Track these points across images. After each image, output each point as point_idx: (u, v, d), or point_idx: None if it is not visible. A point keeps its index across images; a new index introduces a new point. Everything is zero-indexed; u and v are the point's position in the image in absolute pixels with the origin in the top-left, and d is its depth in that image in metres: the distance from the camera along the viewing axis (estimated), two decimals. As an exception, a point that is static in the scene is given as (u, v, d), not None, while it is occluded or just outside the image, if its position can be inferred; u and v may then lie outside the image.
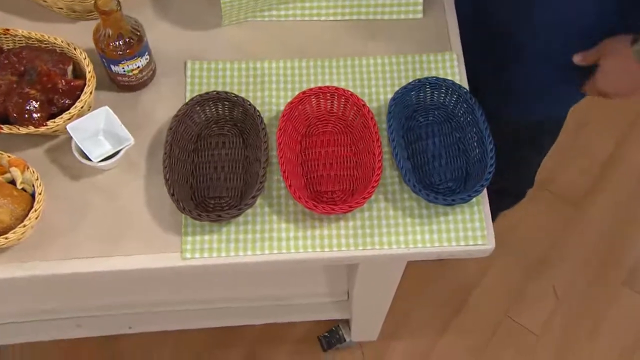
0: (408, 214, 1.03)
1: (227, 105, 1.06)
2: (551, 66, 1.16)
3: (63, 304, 1.57)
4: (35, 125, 0.99)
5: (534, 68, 1.18)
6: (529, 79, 1.23)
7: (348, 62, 1.14)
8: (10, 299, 1.54)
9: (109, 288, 1.53)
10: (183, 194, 0.99)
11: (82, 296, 1.57)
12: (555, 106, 1.34)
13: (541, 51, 1.14)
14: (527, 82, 1.24)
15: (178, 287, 1.56)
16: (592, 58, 1.07)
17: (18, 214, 0.95)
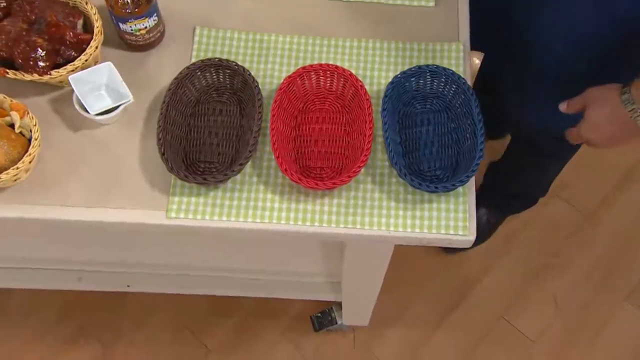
0: (393, 197, 1.04)
1: (228, 73, 1.07)
2: (570, 77, 1.14)
3: (66, 255, 1.62)
4: (39, 73, 1.02)
5: (554, 77, 1.17)
6: (548, 88, 1.21)
7: (354, 44, 1.15)
8: (14, 245, 1.59)
9: (110, 245, 1.57)
10: (175, 155, 1.02)
11: (84, 250, 1.61)
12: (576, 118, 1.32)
13: (559, 60, 1.13)
14: (547, 92, 1.22)
15: (177, 253, 1.59)
16: (576, 106, 1.06)
17: (13, 156, 0.98)
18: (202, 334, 1.80)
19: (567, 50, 1.09)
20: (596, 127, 1.03)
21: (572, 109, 1.07)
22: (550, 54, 1.12)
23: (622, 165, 2.05)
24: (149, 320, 1.81)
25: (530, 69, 1.20)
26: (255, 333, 1.80)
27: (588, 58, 1.08)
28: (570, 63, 1.10)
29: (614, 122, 1.00)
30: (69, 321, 1.80)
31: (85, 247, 1.59)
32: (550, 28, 1.08)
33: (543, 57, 1.15)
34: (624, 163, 2.05)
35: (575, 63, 1.11)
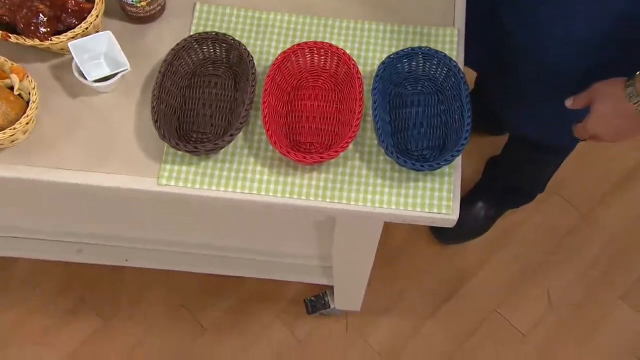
0: (380, 175, 1.06)
1: (225, 48, 1.10)
2: (569, 78, 1.15)
3: (67, 228, 1.65)
4: (40, 39, 1.05)
5: (551, 79, 1.18)
6: (545, 93, 1.22)
7: (350, 25, 1.16)
8: (18, 216, 1.63)
9: (110, 220, 1.60)
10: (168, 124, 1.04)
11: (84, 224, 1.64)
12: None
13: (556, 61, 1.14)
14: (544, 96, 1.23)
15: (175, 229, 1.62)
16: (582, 102, 1.07)
17: (11, 117, 1.02)
18: (198, 312, 1.83)
19: (565, 49, 1.10)
20: (602, 121, 1.03)
21: (578, 105, 1.07)
22: (546, 54, 1.13)
23: (621, 165, 2.05)
24: (147, 296, 1.84)
25: (525, 72, 1.21)
26: (251, 314, 1.83)
27: (587, 58, 1.08)
28: (568, 64, 1.11)
29: (620, 116, 1.00)
30: (70, 293, 1.83)
31: (85, 221, 1.63)
32: (547, 26, 1.09)
33: (539, 58, 1.15)
34: (623, 163, 2.05)
35: (574, 63, 1.11)
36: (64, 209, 1.55)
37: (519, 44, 1.16)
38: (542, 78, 1.18)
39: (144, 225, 1.62)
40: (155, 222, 1.56)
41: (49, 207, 1.56)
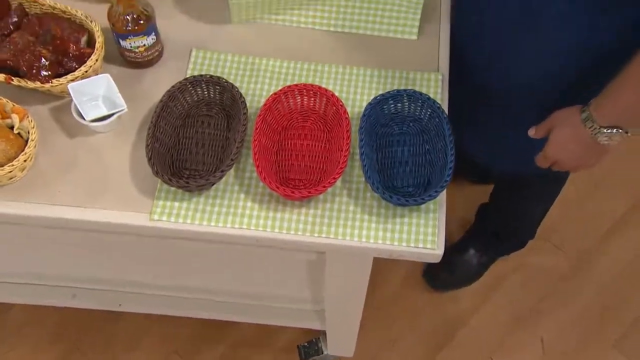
0: (367, 211, 1.09)
1: (218, 89, 1.15)
2: (538, 108, 1.20)
3: (61, 271, 1.66)
4: (41, 81, 1.10)
5: (523, 120, 1.23)
6: (519, 133, 1.27)
7: (339, 69, 1.22)
8: (12, 260, 1.64)
9: (103, 262, 1.62)
10: (161, 161, 1.08)
11: (79, 268, 1.65)
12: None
13: (527, 91, 1.19)
14: (517, 137, 1.28)
15: (167, 273, 1.63)
16: (543, 130, 1.13)
17: (10, 155, 1.05)
18: (190, 359, 1.82)
19: (535, 81, 1.15)
20: (561, 147, 1.08)
21: (540, 134, 1.12)
22: (517, 85, 1.18)
23: (611, 211, 2.08)
24: (140, 342, 1.83)
25: (497, 104, 1.26)
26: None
27: (555, 88, 1.14)
28: (537, 95, 1.16)
29: (577, 141, 1.05)
30: (63, 339, 1.83)
31: (80, 265, 1.64)
32: (509, 64, 1.15)
33: (510, 90, 1.20)
34: (613, 209, 2.08)
35: (534, 95, 1.17)
36: (58, 252, 1.56)
37: (484, 83, 1.21)
38: (507, 110, 1.24)
39: (137, 269, 1.63)
40: (148, 266, 1.58)
41: (44, 251, 1.57)
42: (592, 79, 1.07)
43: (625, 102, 0.98)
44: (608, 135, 1.01)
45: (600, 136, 1.02)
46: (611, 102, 0.99)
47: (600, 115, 1.01)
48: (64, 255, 1.60)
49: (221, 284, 1.63)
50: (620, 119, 1.00)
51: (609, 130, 1.01)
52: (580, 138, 1.04)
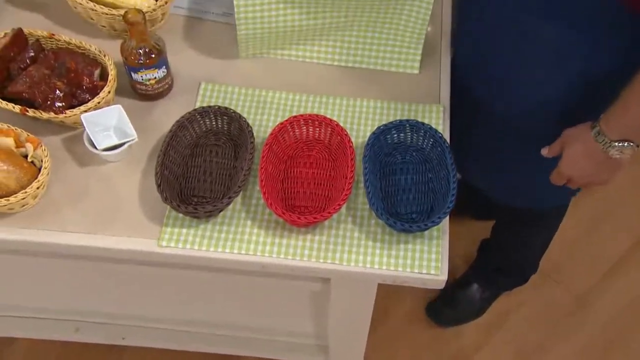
0: (371, 237, 1.11)
1: (226, 120, 1.18)
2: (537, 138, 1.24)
3: (65, 304, 1.67)
4: (55, 112, 1.14)
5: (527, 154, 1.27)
6: (513, 155, 1.31)
7: (343, 102, 1.25)
8: (16, 294, 1.65)
9: (107, 295, 1.63)
10: (170, 188, 1.11)
11: (83, 299, 1.66)
12: (553, 196, 1.40)
13: (524, 121, 1.23)
14: (516, 165, 1.32)
15: (171, 306, 1.64)
16: (556, 149, 1.16)
17: (24, 183, 1.08)
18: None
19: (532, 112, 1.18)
20: (573, 163, 1.11)
21: (553, 153, 1.15)
22: (514, 115, 1.21)
23: (615, 250, 2.09)
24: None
25: (494, 134, 1.29)
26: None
27: (553, 118, 1.17)
28: (534, 124, 1.20)
29: (590, 157, 1.07)
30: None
31: (84, 298, 1.65)
32: (515, 90, 1.18)
33: (508, 120, 1.24)
34: (616, 247, 2.09)
35: (540, 124, 1.20)
36: (62, 285, 1.57)
37: (492, 110, 1.25)
38: (511, 138, 1.27)
39: (141, 302, 1.64)
40: (152, 299, 1.59)
41: (47, 284, 1.59)
42: (594, 102, 1.10)
43: (633, 114, 1.00)
44: (619, 149, 1.04)
45: (611, 150, 1.04)
46: (620, 116, 1.02)
47: (610, 129, 1.03)
48: (67, 288, 1.61)
49: (225, 316, 1.64)
50: (630, 132, 1.03)
51: (620, 144, 1.03)
52: (592, 153, 1.06)
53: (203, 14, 1.38)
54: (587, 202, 2.14)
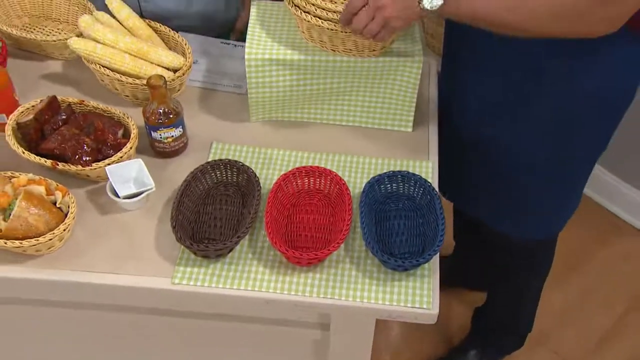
0: (368, 275, 1.20)
1: (235, 172, 1.31)
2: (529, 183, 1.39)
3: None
4: (82, 165, 1.27)
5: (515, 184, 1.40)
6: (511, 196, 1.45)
7: (342, 158, 1.38)
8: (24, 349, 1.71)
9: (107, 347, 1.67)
10: (184, 231, 1.21)
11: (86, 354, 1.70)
12: (540, 227, 1.52)
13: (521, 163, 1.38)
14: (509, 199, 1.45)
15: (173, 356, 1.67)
16: None
17: (52, 226, 1.19)
18: None
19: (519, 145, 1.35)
20: None
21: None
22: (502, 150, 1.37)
23: (606, 318, 2.14)
24: None
25: (486, 163, 1.45)
26: None
27: (539, 150, 1.33)
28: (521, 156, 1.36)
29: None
30: None
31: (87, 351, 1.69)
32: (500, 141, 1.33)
33: (496, 153, 1.40)
34: (607, 316, 2.15)
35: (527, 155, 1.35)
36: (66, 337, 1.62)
37: (484, 148, 1.42)
38: (500, 166, 1.42)
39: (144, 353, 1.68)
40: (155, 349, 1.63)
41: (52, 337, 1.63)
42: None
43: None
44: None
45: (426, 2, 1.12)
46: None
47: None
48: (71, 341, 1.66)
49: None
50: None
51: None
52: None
53: (216, 86, 1.54)
54: (575, 277, 2.23)
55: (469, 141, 1.43)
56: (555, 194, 1.44)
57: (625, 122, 1.36)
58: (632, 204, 2.35)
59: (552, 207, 1.48)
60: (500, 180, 1.44)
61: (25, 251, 1.20)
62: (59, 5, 1.64)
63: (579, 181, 1.46)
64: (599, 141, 1.37)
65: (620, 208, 2.40)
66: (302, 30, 1.34)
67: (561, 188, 1.44)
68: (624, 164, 2.30)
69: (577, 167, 1.41)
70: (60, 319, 1.50)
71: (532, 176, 1.40)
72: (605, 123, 1.32)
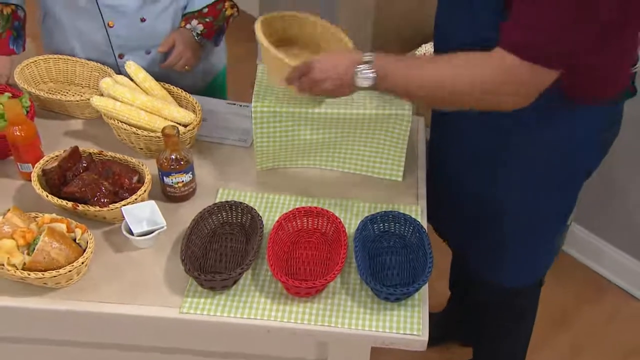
0: (362, 305, 1.30)
1: (240, 212, 1.43)
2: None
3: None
4: (100, 206, 1.39)
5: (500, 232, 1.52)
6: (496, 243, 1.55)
7: (338, 202, 1.51)
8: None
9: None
10: (192, 264, 1.32)
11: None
12: (520, 274, 1.62)
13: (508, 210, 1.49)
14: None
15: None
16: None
17: (71, 259, 1.30)
18: None
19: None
20: (324, 73, 1.29)
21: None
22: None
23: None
24: None
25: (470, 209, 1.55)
26: None
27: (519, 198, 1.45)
28: None
29: (339, 79, 1.29)
30: None
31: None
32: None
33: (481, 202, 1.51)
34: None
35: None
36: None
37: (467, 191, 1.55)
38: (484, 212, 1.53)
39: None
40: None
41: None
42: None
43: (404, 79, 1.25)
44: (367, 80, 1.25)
45: (361, 81, 1.26)
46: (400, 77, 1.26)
47: (383, 78, 1.25)
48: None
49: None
50: (386, 82, 1.25)
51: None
52: (344, 78, 1.27)
53: (223, 140, 1.68)
54: (564, 335, 2.29)
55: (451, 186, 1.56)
56: (530, 244, 1.55)
57: (610, 188, 1.49)
58: (617, 264, 2.45)
59: (528, 255, 1.58)
60: (479, 225, 1.55)
61: (45, 283, 1.30)
62: (82, 72, 1.81)
63: (552, 234, 1.57)
64: (567, 200, 1.50)
65: (606, 269, 2.49)
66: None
67: (536, 239, 1.54)
68: (609, 226, 2.42)
69: (549, 221, 1.52)
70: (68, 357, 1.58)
71: (508, 225, 1.50)
72: (572, 176, 1.45)
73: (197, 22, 1.76)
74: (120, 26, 1.71)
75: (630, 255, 2.39)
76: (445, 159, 1.57)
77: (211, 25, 1.77)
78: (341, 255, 1.31)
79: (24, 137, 1.48)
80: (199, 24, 1.76)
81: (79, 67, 1.80)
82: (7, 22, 1.72)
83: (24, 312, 1.31)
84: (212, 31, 1.79)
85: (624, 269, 2.43)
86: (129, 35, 1.73)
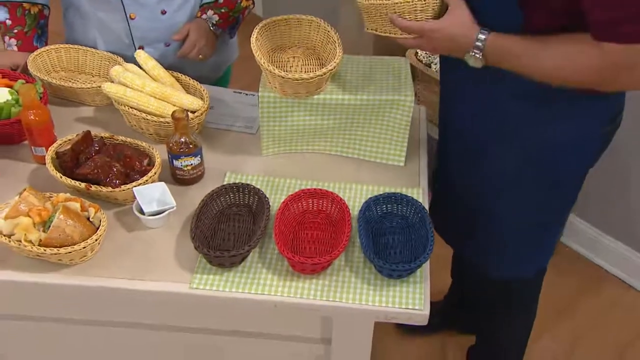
0: (366, 281, 1.34)
1: (247, 194, 1.47)
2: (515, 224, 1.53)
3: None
4: (112, 187, 1.43)
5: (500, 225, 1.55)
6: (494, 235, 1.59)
7: (342, 185, 1.55)
8: None
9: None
10: (201, 242, 1.36)
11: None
12: (520, 266, 1.65)
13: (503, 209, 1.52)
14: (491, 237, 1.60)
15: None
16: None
17: (85, 237, 1.35)
18: None
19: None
20: (437, 42, 1.32)
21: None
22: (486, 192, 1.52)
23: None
24: None
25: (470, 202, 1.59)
26: None
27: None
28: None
29: (451, 47, 1.32)
30: None
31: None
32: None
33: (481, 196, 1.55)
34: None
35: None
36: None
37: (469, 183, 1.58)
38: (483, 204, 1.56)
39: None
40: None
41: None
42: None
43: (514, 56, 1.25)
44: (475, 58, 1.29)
45: (469, 57, 1.29)
46: (506, 55, 1.26)
47: (489, 54, 1.27)
48: None
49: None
50: (495, 60, 1.27)
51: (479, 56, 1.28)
52: (456, 47, 1.30)
53: (229, 127, 1.73)
54: (565, 324, 2.34)
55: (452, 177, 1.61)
56: (529, 236, 1.57)
57: (609, 180, 1.49)
58: (615, 255, 2.49)
59: (527, 248, 1.60)
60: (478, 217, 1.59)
61: (60, 260, 1.34)
62: (92, 61, 1.86)
63: (553, 226, 1.59)
64: (569, 189, 1.50)
65: (604, 260, 2.54)
66: (274, 85, 1.52)
67: (535, 231, 1.56)
68: (608, 218, 2.46)
69: (550, 213, 1.54)
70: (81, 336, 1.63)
71: (506, 215, 1.53)
72: (572, 172, 1.46)
73: (213, 13, 1.81)
74: (142, 18, 1.76)
75: (629, 247, 2.44)
76: (445, 147, 1.62)
77: (227, 15, 1.83)
78: (345, 234, 1.35)
79: (38, 121, 1.52)
80: (215, 14, 1.81)
81: (89, 56, 1.85)
82: (34, 21, 1.79)
83: (40, 288, 1.35)
84: (228, 22, 1.85)
85: (623, 260, 2.47)
86: (150, 28, 1.79)
